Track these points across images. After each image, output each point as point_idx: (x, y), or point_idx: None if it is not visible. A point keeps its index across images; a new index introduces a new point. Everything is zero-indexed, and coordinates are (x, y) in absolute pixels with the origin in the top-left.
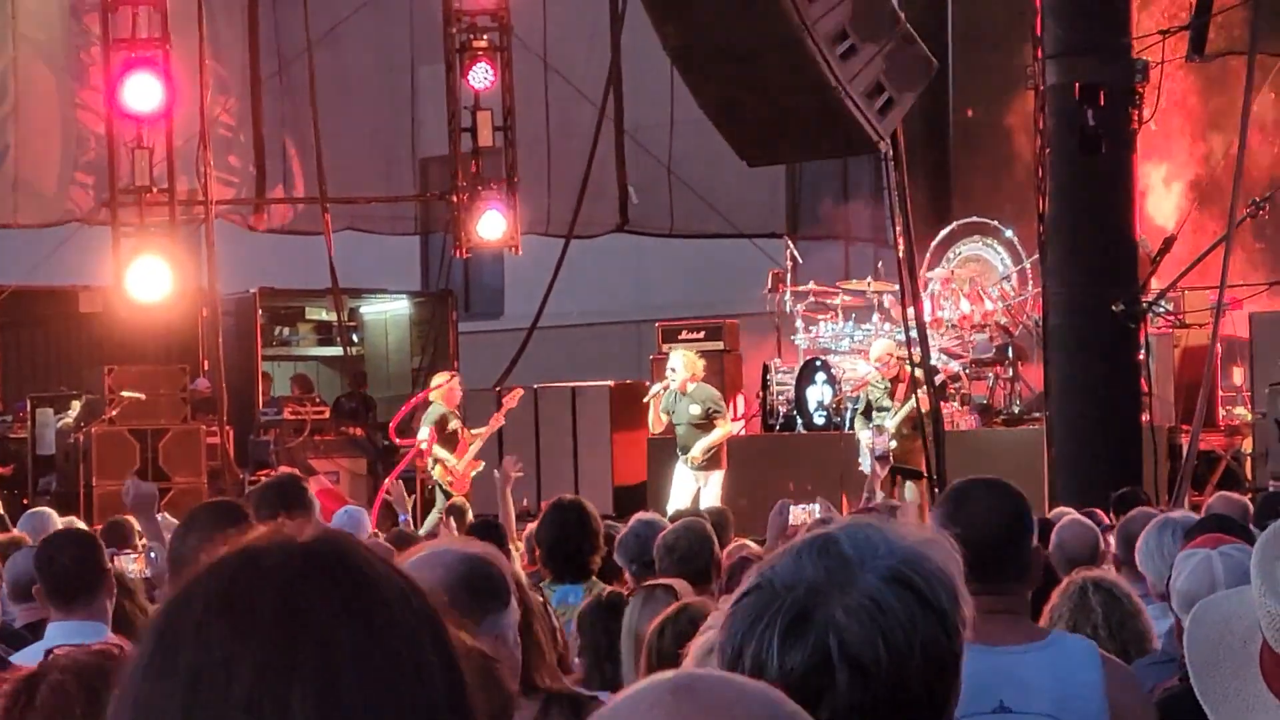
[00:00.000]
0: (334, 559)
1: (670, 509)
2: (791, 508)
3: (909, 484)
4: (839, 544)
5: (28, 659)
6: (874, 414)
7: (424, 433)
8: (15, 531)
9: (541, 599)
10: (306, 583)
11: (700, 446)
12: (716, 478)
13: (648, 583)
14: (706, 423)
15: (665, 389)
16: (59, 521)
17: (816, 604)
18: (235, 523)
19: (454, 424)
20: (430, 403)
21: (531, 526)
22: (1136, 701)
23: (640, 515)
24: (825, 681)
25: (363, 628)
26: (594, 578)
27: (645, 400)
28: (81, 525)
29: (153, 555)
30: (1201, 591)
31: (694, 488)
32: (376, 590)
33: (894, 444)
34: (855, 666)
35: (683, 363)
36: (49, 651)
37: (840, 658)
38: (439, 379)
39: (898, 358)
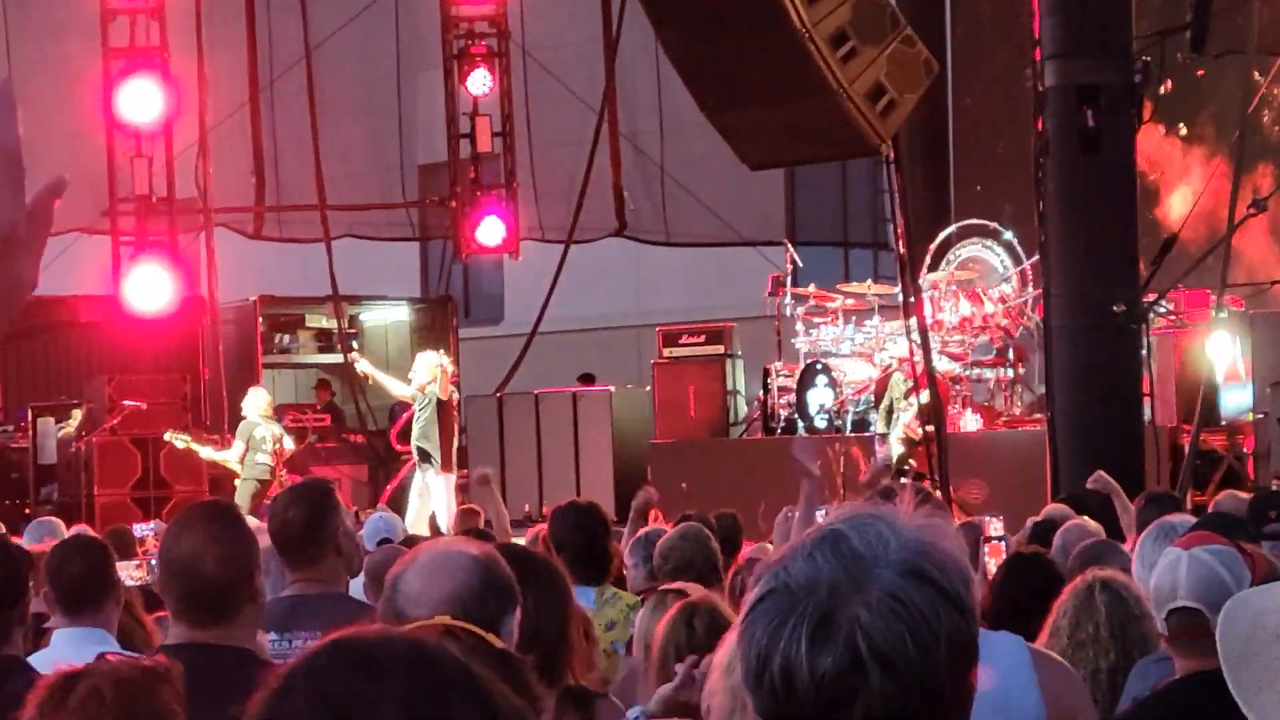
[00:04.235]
0: (442, 662)
1: (409, 516)
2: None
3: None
4: (849, 540)
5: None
6: (895, 413)
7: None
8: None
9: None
10: (426, 691)
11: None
12: (439, 481)
13: (662, 587)
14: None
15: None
16: (65, 531)
17: (839, 604)
18: (229, 524)
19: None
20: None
21: (537, 529)
22: (1071, 691)
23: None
24: (858, 682)
25: None
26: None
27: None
28: (91, 533)
29: (153, 563)
30: (1164, 591)
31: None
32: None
33: (899, 450)
34: (885, 665)
35: (424, 366)
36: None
37: (871, 657)
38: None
39: (900, 360)
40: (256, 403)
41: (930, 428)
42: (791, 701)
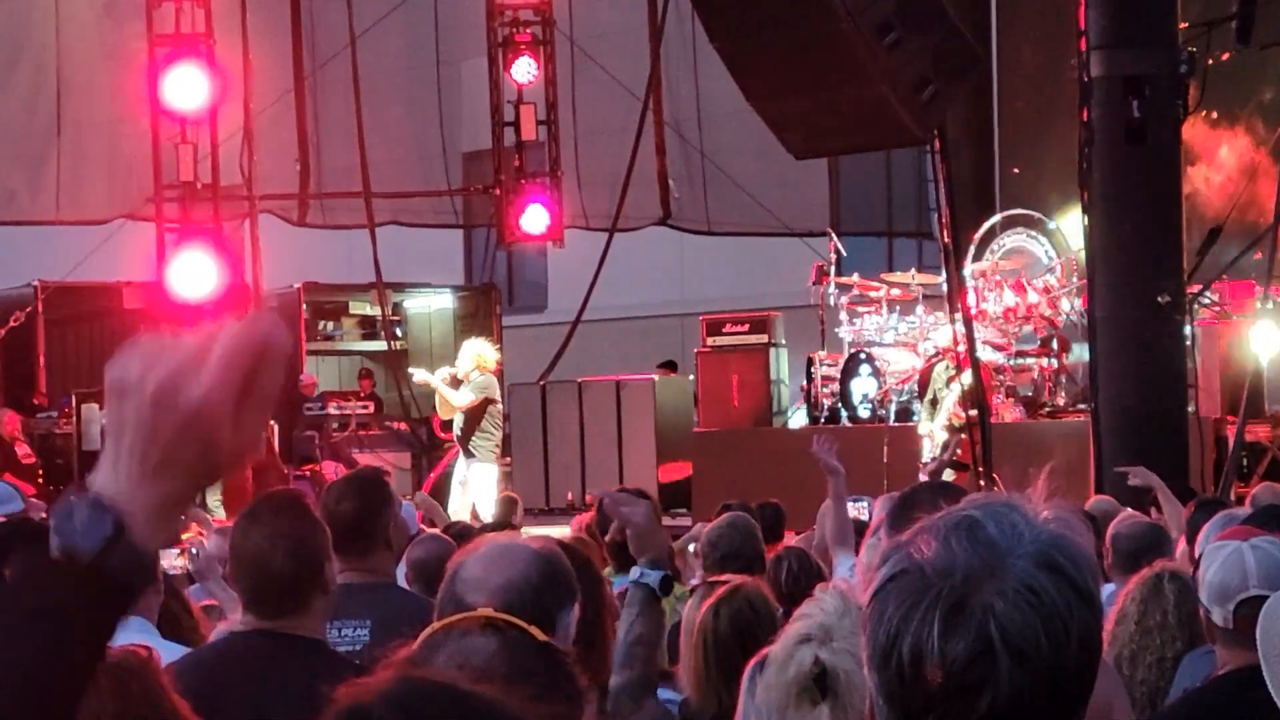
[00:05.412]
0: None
1: (452, 504)
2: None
3: (948, 474)
4: (984, 528)
5: None
6: (938, 404)
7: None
8: None
9: (616, 591)
10: None
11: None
12: (483, 471)
13: (711, 579)
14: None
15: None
16: None
17: (972, 591)
18: (297, 517)
19: None
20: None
21: (581, 518)
22: (1103, 679)
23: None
24: (987, 671)
25: None
26: None
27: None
28: None
29: (194, 551)
30: (1233, 583)
31: (464, 478)
32: None
33: (943, 438)
34: (1017, 655)
35: (470, 354)
36: None
37: (1003, 646)
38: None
39: (943, 350)
40: None
41: (974, 412)
42: (918, 685)
